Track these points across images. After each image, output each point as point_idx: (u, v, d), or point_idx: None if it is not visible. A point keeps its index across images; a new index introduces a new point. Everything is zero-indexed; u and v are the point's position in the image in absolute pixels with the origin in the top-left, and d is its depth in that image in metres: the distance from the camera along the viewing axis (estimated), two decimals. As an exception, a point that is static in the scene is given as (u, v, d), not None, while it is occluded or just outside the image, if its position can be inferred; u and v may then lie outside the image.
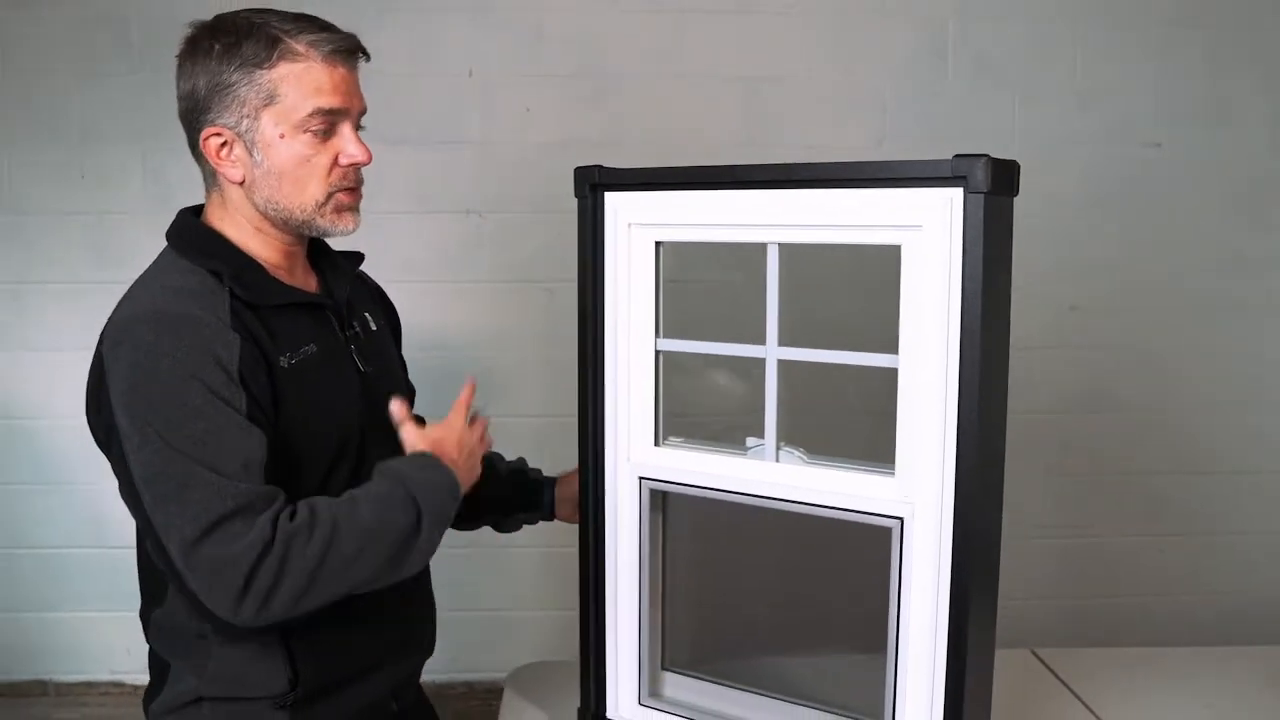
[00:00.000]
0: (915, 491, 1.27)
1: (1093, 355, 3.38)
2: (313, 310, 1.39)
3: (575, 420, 1.90)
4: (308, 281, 1.45)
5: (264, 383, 1.26)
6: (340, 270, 1.50)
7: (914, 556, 1.27)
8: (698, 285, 1.49)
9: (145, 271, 1.37)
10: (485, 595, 3.23)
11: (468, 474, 1.38)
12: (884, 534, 1.30)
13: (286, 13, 1.32)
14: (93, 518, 3.32)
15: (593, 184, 1.45)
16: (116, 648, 3.37)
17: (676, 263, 1.46)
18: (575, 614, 3.14)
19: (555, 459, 1.82)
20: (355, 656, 1.39)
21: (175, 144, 3.12)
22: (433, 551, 1.30)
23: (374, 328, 1.51)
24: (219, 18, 1.33)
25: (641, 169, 1.44)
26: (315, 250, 1.49)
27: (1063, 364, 3.34)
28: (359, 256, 1.55)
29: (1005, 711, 1.41)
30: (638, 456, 1.48)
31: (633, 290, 1.45)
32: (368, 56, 1.37)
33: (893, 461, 1.30)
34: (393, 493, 1.26)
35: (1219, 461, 3.45)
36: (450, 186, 3.19)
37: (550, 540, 2.33)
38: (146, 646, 1.45)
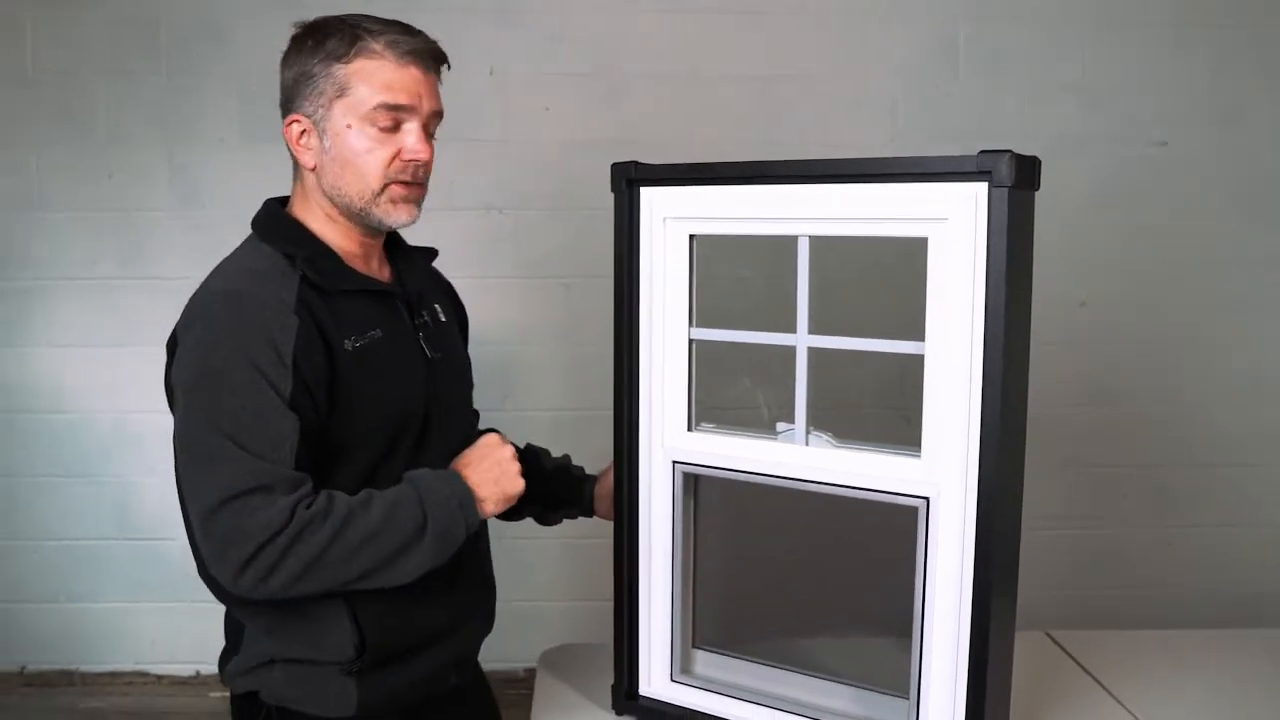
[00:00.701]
0: (941, 472, 1.32)
1: (1102, 350, 3.45)
2: (383, 298, 1.46)
3: (591, 412, 1.96)
4: (382, 271, 1.52)
5: (319, 365, 1.32)
6: (413, 262, 1.58)
7: (939, 535, 1.33)
8: (721, 280, 1.56)
9: (229, 254, 1.45)
10: (503, 587, 3.28)
11: (492, 489, 1.43)
12: (910, 514, 1.36)
13: (380, 18, 1.40)
14: (118, 510, 3.40)
15: (629, 179, 1.51)
16: (142, 638, 3.45)
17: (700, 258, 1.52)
18: (592, 604, 3.19)
19: (572, 450, 1.87)
20: (418, 630, 1.46)
21: (201, 144, 3.24)
22: (437, 561, 1.35)
23: (443, 319, 1.59)
24: (321, 18, 1.41)
25: (676, 164, 1.50)
26: (391, 243, 1.56)
27: (1073, 359, 3.40)
28: (433, 252, 1.64)
29: (1021, 689, 1.46)
30: (671, 441, 1.54)
31: (667, 282, 1.50)
32: (448, 64, 1.45)
33: (912, 446, 1.36)
34: (405, 498, 1.33)
35: (1227, 455, 3.51)
36: (473, 184, 3.26)
37: (568, 533, 2.38)
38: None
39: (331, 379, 1.34)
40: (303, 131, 1.41)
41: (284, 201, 1.50)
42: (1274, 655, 1.87)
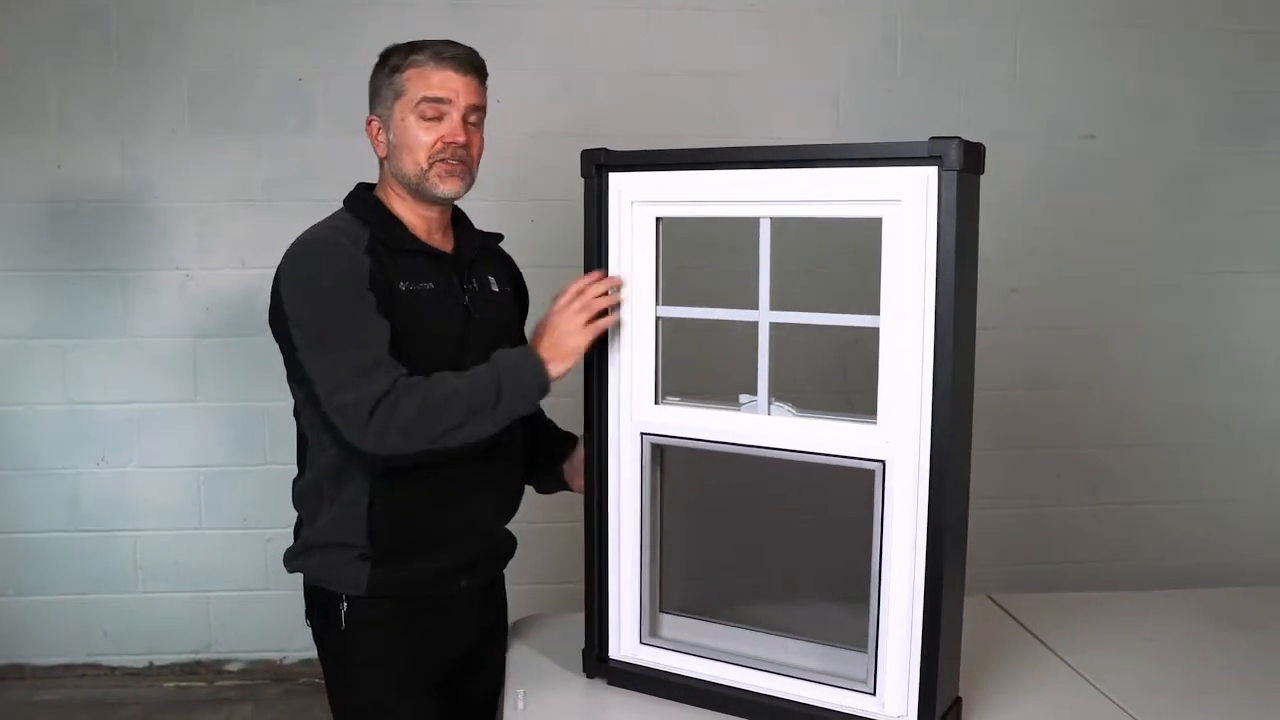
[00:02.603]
0: (895, 437, 1.42)
1: (1032, 335, 3.60)
2: (436, 260, 1.75)
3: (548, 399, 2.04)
4: (444, 243, 1.79)
5: (383, 295, 1.63)
6: (472, 239, 1.85)
7: (895, 496, 1.42)
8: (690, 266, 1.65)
9: (319, 221, 1.75)
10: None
11: (556, 352, 1.62)
12: (867, 477, 1.45)
13: (440, 41, 1.71)
14: (68, 502, 3.38)
15: (598, 165, 1.59)
16: (94, 630, 3.44)
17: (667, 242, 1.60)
18: (551, 587, 3.24)
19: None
20: (420, 533, 1.72)
21: (153, 135, 3.24)
22: (514, 416, 1.62)
23: (495, 290, 1.85)
24: (394, 45, 1.73)
25: (643, 151, 1.58)
26: (459, 224, 1.85)
27: (1004, 344, 3.53)
28: (497, 236, 1.92)
29: (967, 648, 1.56)
30: (639, 414, 1.61)
31: (635, 262, 1.58)
32: (484, 70, 1.74)
33: (862, 417, 1.46)
34: (486, 371, 1.61)
35: (1149, 434, 3.69)
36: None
37: (524, 517, 2.43)
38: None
39: (391, 309, 1.63)
40: (378, 129, 1.74)
41: (371, 186, 1.81)
42: (1205, 613, 2.00)
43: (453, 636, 1.79)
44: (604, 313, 1.61)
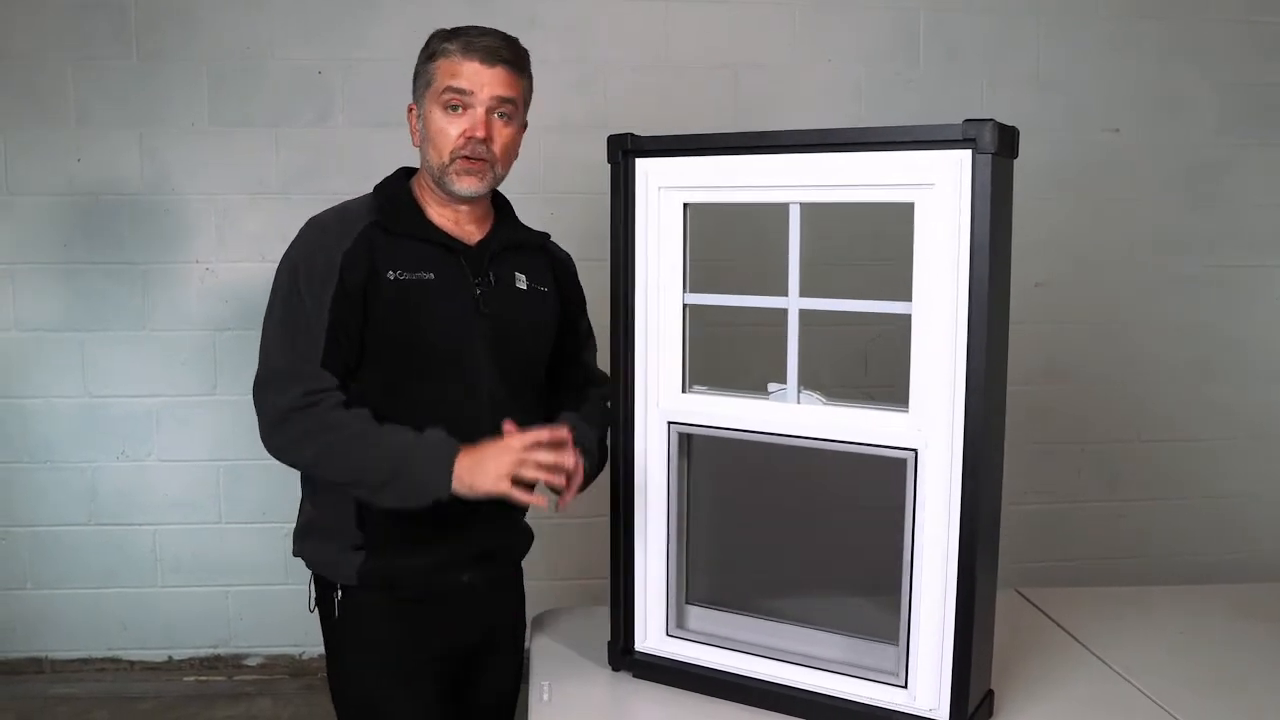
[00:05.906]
0: (928, 425, 1.40)
1: (1056, 329, 3.56)
2: (449, 250, 1.69)
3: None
4: (472, 235, 1.74)
5: (359, 279, 1.61)
6: (510, 234, 1.78)
7: (927, 485, 1.41)
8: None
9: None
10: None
11: (469, 475, 1.53)
12: (899, 466, 1.43)
13: (475, 27, 1.68)
14: (87, 495, 3.38)
15: (625, 150, 1.57)
16: (112, 624, 3.43)
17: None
18: (566, 583, 3.23)
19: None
20: (415, 524, 1.62)
21: (172, 128, 3.23)
22: (402, 505, 1.56)
23: (521, 287, 1.76)
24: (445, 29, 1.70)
25: (670, 136, 1.56)
26: (500, 217, 1.80)
27: (1028, 338, 3.49)
28: (541, 235, 1.85)
29: (999, 641, 1.54)
30: (666, 403, 1.60)
31: (662, 248, 1.57)
32: (510, 62, 1.68)
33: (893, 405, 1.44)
34: (397, 448, 1.55)
35: (1168, 429, 3.64)
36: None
37: (543, 511, 2.44)
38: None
39: (368, 295, 1.61)
40: (414, 115, 1.72)
41: (414, 171, 1.79)
42: (1235, 608, 1.98)
43: (452, 631, 1.74)
44: (532, 487, 1.56)
